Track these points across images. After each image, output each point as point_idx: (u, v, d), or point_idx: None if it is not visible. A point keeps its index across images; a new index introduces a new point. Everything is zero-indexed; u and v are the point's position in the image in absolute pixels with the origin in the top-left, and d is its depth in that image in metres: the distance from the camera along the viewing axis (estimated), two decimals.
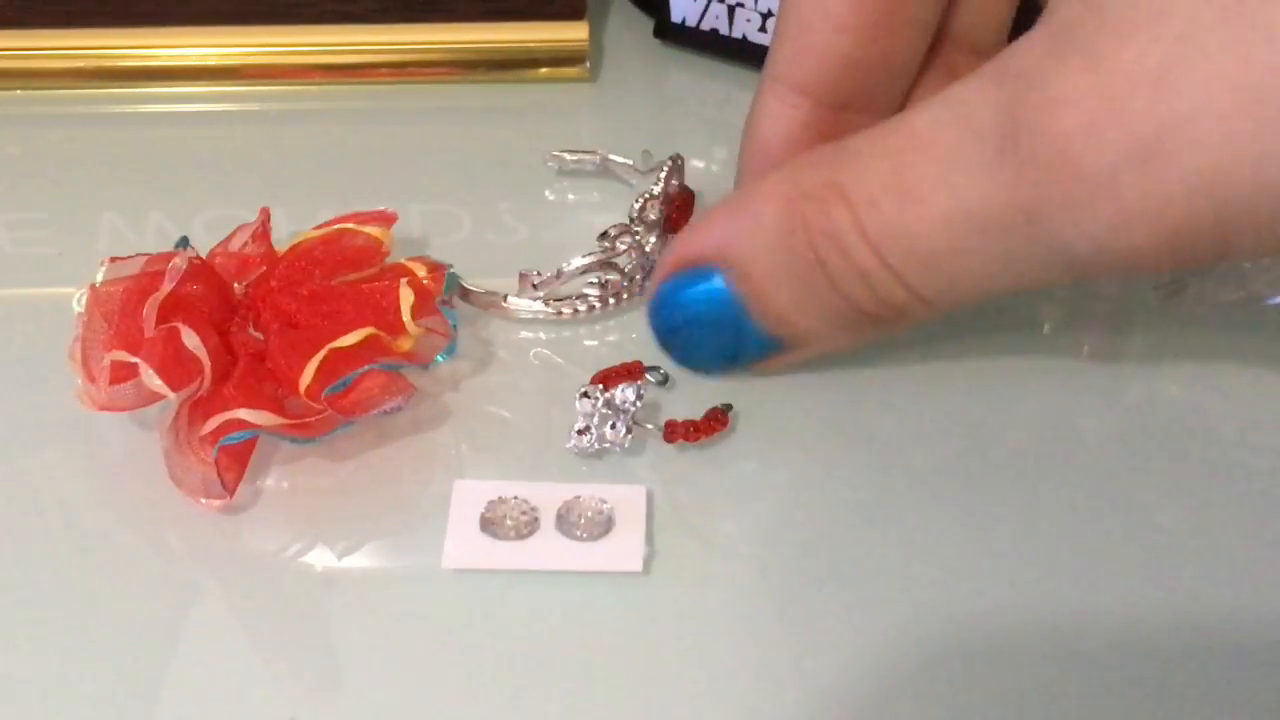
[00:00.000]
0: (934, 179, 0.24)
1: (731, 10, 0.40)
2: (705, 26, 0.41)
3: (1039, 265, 0.24)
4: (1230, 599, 0.28)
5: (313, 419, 0.29)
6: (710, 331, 0.28)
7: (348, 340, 0.29)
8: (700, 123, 0.41)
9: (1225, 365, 0.33)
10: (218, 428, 0.28)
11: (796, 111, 0.30)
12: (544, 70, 0.41)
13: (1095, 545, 0.29)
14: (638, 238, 0.33)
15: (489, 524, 0.29)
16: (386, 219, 0.32)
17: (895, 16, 0.28)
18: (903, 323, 0.27)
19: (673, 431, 0.30)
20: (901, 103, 0.31)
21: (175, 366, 0.28)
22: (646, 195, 0.33)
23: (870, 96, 0.30)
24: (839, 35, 0.28)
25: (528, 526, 0.29)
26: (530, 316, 0.34)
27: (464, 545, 0.29)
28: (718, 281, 0.27)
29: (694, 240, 0.28)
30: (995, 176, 0.23)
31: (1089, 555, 0.29)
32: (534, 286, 0.33)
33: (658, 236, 0.34)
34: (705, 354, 0.29)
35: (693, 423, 0.30)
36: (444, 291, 0.31)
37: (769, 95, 0.30)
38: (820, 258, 0.26)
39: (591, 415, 0.30)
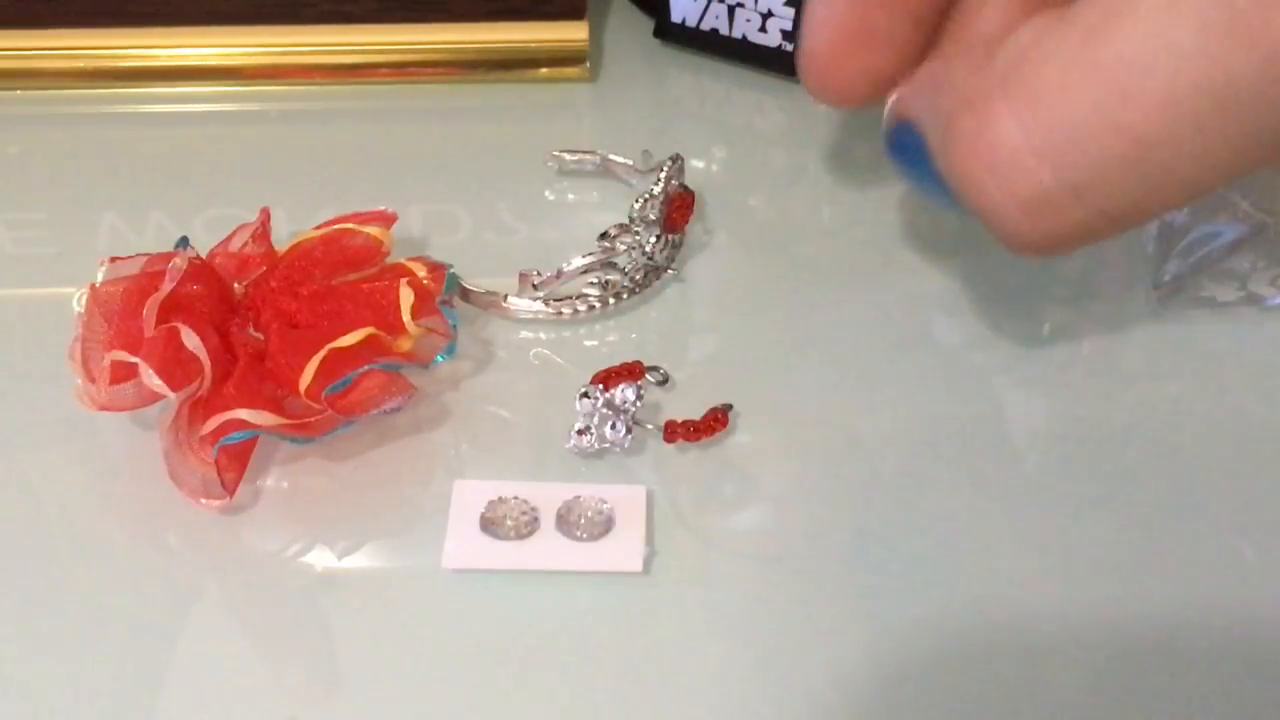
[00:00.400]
0: (1144, 54, 0.20)
1: (731, 10, 0.40)
2: (705, 26, 0.41)
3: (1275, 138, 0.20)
4: (1229, 596, 0.28)
5: (313, 419, 0.29)
6: (927, 179, 0.26)
7: (348, 340, 0.29)
8: (700, 123, 0.41)
9: (1225, 365, 0.33)
10: (218, 428, 0.28)
11: None
12: (544, 70, 0.41)
13: (1094, 543, 0.29)
14: (638, 238, 0.33)
15: (489, 524, 0.29)
16: (386, 219, 0.32)
17: None
18: (1086, 243, 0.23)
19: (673, 431, 0.30)
20: None
21: (175, 366, 0.28)
22: (646, 195, 0.33)
23: None
24: None
25: (528, 526, 0.29)
26: (530, 316, 0.34)
27: (464, 545, 0.29)
28: (920, 139, 0.25)
29: (901, 101, 0.26)
30: (1229, 33, 0.19)
31: (1088, 553, 0.29)
32: (534, 286, 0.33)
33: (657, 236, 0.34)
34: (933, 198, 0.27)
35: (693, 423, 0.30)
36: (444, 291, 0.31)
37: None
38: (980, 182, 0.23)
39: (591, 415, 0.30)
